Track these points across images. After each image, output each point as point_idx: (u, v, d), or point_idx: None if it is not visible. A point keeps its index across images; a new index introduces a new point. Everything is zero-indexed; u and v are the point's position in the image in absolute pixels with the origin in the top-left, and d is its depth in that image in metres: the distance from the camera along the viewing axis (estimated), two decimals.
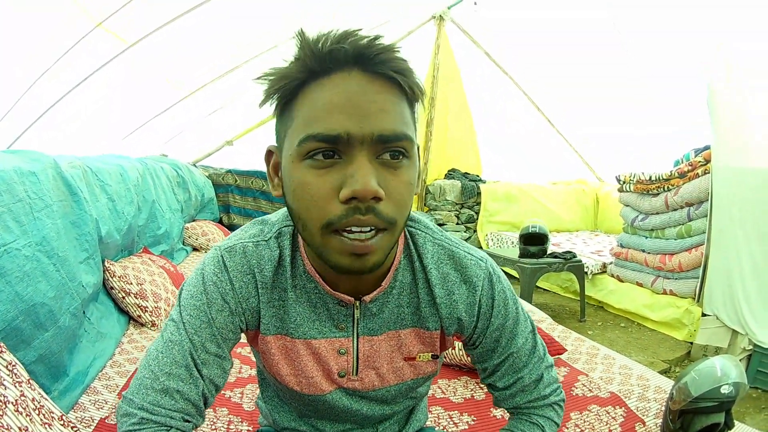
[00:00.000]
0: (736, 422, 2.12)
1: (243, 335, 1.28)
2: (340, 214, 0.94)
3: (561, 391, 1.43)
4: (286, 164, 1.02)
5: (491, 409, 2.48)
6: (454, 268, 1.27)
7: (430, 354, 1.33)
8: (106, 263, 3.29)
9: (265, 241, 1.22)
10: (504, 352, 1.33)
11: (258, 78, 1.03)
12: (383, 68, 0.96)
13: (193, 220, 6.60)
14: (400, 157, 0.99)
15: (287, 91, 1.00)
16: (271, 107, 1.06)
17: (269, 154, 1.13)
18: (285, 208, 1.21)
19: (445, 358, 2.81)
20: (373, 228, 0.97)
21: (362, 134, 0.93)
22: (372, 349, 1.28)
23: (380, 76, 0.96)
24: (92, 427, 2.10)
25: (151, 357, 1.14)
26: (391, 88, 0.98)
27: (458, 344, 2.78)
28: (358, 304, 1.21)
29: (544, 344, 1.42)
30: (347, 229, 0.96)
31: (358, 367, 1.28)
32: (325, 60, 0.95)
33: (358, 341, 1.26)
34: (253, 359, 1.37)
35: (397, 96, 0.99)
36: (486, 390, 1.53)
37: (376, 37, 0.96)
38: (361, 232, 0.96)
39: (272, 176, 1.13)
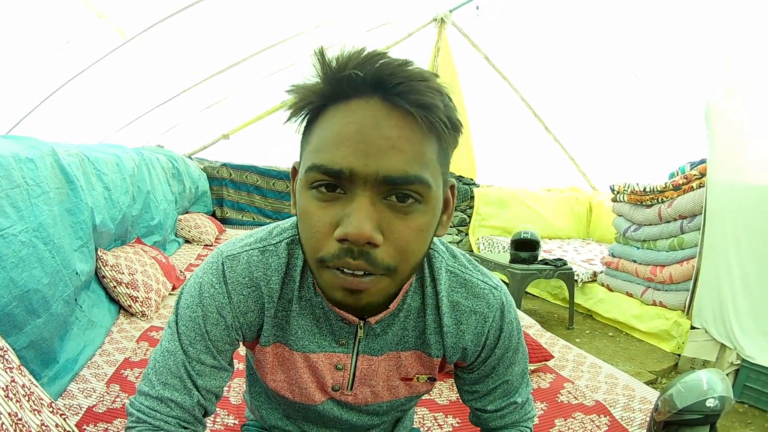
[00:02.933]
0: None
1: None
2: (333, 252, 0.90)
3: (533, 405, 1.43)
4: (298, 187, 0.98)
5: None
6: (465, 297, 1.22)
7: (427, 376, 1.29)
8: (99, 252, 3.31)
9: (273, 245, 1.17)
10: (499, 379, 1.31)
11: (287, 91, 0.96)
12: (402, 101, 0.86)
13: (187, 212, 6.63)
14: (410, 201, 0.90)
15: (308, 111, 0.95)
16: (295, 122, 0.99)
17: (294, 170, 1.07)
18: None
19: None
20: (366, 272, 0.91)
21: (366, 173, 0.86)
22: (370, 368, 1.24)
23: (400, 108, 0.88)
24: (80, 415, 2.11)
25: (151, 363, 1.15)
26: (411, 122, 0.88)
27: None
28: (362, 324, 1.16)
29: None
30: (338, 267, 0.91)
31: (353, 384, 1.25)
32: (343, 85, 0.88)
33: (357, 359, 1.22)
34: (243, 353, 1.35)
35: (418, 132, 0.89)
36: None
37: (405, 63, 0.88)
38: (353, 273, 0.91)
39: (294, 193, 1.04)
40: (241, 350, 1.30)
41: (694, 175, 4.85)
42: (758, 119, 4.60)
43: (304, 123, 0.98)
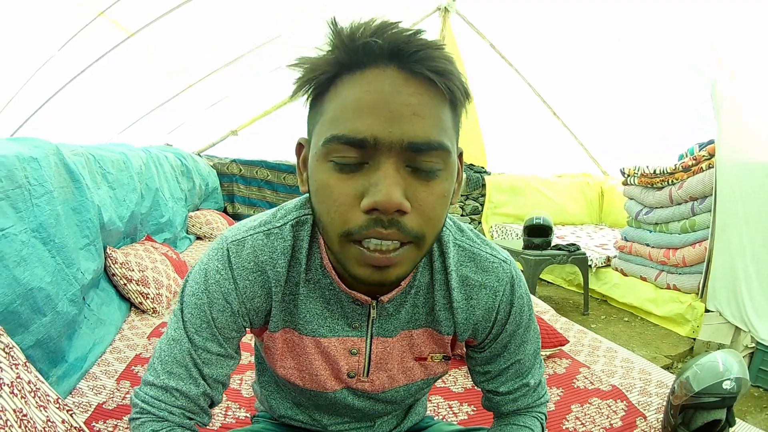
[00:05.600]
0: (737, 420, 2.11)
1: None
2: (360, 224, 0.88)
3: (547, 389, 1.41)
4: (312, 162, 0.94)
5: None
6: (475, 271, 1.20)
7: (441, 355, 1.28)
8: (108, 250, 3.31)
9: (278, 228, 1.14)
10: (511, 358, 1.29)
11: (291, 65, 0.95)
12: (421, 67, 0.86)
13: (198, 209, 6.63)
14: (434, 167, 0.90)
15: (318, 83, 0.92)
16: (304, 99, 0.98)
17: (300, 146, 1.06)
18: (303, 197, 1.17)
19: None
20: (396, 241, 0.90)
21: (391, 140, 0.85)
22: (385, 351, 1.22)
23: (418, 76, 0.87)
24: (89, 412, 2.10)
25: (156, 353, 1.13)
26: (429, 89, 0.88)
27: None
28: (374, 303, 1.14)
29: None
30: (367, 239, 0.89)
31: (369, 369, 1.23)
32: (359, 53, 0.87)
33: (371, 342, 1.20)
34: (252, 344, 1.34)
35: (436, 99, 0.89)
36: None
37: (417, 32, 0.88)
38: (381, 244, 0.89)
39: (301, 170, 1.05)
40: (250, 340, 1.27)
41: (703, 156, 4.84)
42: (764, 98, 4.58)
43: (312, 96, 0.96)
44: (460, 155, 1.04)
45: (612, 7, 6.24)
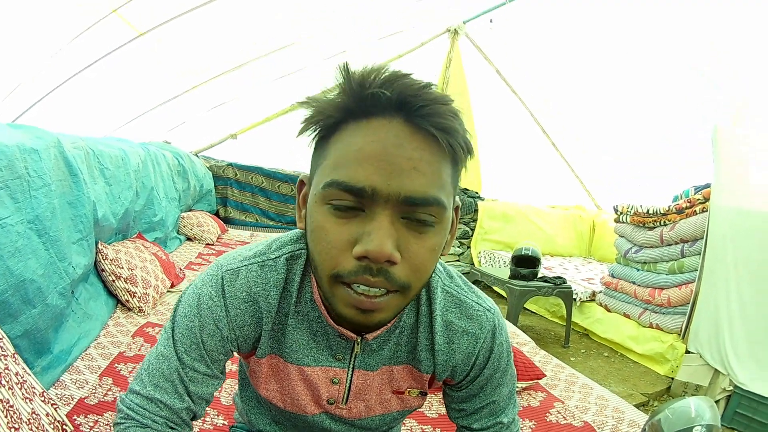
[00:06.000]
0: None
1: None
2: (350, 269, 0.91)
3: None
4: (311, 202, 0.98)
5: None
6: (459, 317, 1.24)
7: (418, 390, 1.32)
8: (99, 245, 3.31)
9: (272, 260, 1.18)
10: (487, 399, 1.32)
11: (301, 103, 0.99)
12: (426, 122, 0.89)
13: (190, 210, 6.63)
14: (427, 221, 0.93)
15: (325, 126, 0.96)
16: (308, 136, 1.01)
17: (301, 184, 1.09)
18: (298, 231, 1.19)
19: None
20: (382, 288, 0.93)
21: (388, 192, 0.88)
22: (365, 383, 1.26)
23: (422, 130, 0.90)
24: (71, 406, 2.12)
25: (144, 364, 1.16)
26: (432, 144, 0.91)
27: None
28: (359, 340, 1.18)
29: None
30: (356, 284, 0.92)
31: (348, 397, 1.27)
32: (367, 102, 0.90)
33: (352, 373, 1.24)
34: (236, 354, 1.38)
35: (438, 154, 0.92)
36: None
37: (427, 85, 0.91)
38: (369, 290, 0.93)
39: (300, 207, 1.09)
40: (235, 353, 1.31)
41: (698, 199, 4.87)
42: (764, 146, 4.62)
43: (317, 138, 0.99)
44: (456, 208, 1.08)
45: (618, 44, 6.30)
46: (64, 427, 1.67)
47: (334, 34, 6.07)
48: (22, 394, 1.51)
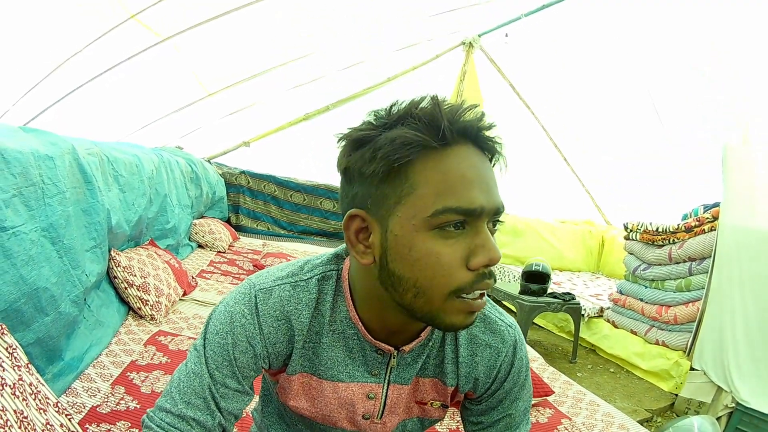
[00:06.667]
0: None
1: None
2: (469, 281, 0.99)
3: None
4: (403, 232, 1.01)
5: None
6: (483, 331, 1.31)
7: (440, 403, 1.35)
8: (112, 252, 3.33)
9: (305, 281, 1.22)
10: (504, 411, 1.35)
11: (344, 137, 1.06)
12: (491, 146, 1.05)
13: (202, 217, 6.66)
14: (496, 224, 1.06)
15: (403, 158, 0.98)
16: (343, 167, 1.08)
17: (351, 218, 1.08)
18: (328, 254, 1.27)
19: None
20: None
21: (489, 208, 0.99)
22: (399, 397, 1.30)
23: (486, 151, 1.06)
24: (83, 414, 2.14)
25: (174, 382, 1.18)
26: (488, 162, 1.06)
27: None
28: (395, 353, 1.23)
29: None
30: (473, 292, 1.01)
31: (383, 412, 1.30)
32: (453, 133, 0.98)
33: (388, 388, 1.28)
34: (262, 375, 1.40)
35: (493, 170, 1.07)
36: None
37: (484, 114, 1.03)
38: (480, 295, 1.03)
39: (355, 242, 1.09)
40: None
41: (707, 218, 4.89)
42: None
43: (386, 169, 1.00)
44: None
45: (630, 61, 6.31)
46: None
47: (350, 46, 6.09)
48: (36, 404, 1.53)
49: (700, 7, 5.16)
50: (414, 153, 0.97)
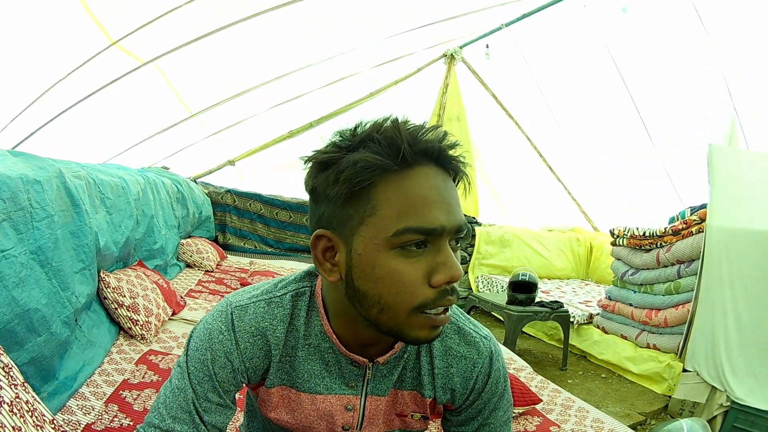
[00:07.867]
0: None
1: None
2: (432, 298, 1.03)
3: None
4: (366, 251, 1.05)
5: None
6: (458, 343, 1.34)
7: (421, 415, 1.38)
8: (101, 273, 3.34)
9: (279, 297, 1.26)
10: (484, 422, 1.37)
11: (309, 159, 1.10)
12: (454, 166, 1.08)
13: (189, 237, 6.64)
14: (459, 241, 1.09)
15: (364, 180, 1.02)
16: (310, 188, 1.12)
17: (318, 238, 1.12)
18: (301, 271, 1.32)
19: None
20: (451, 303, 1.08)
21: (450, 227, 1.02)
22: (377, 408, 1.33)
23: (448, 171, 1.08)
24: (79, 431, 2.16)
25: (161, 398, 1.21)
26: (452, 181, 1.09)
27: None
28: (370, 365, 1.27)
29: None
30: (437, 308, 1.05)
31: (362, 423, 1.34)
32: (415, 156, 1.02)
33: (365, 400, 1.31)
34: (246, 391, 1.43)
35: (455, 188, 1.10)
36: None
37: (446, 134, 1.07)
38: (443, 311, 1.07)
39: (322, 260, 1.13)
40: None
41: (694, 220, 4.93)
42: (759, 165, 4.67)
43: (349, 192, 1.04)
44: None
45: (613, 66, 6.37)
46: None
47: (330, 62, 6.12)
48: (33, 421, 1.54)
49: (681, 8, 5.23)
50: (375, 176, 1.02)
